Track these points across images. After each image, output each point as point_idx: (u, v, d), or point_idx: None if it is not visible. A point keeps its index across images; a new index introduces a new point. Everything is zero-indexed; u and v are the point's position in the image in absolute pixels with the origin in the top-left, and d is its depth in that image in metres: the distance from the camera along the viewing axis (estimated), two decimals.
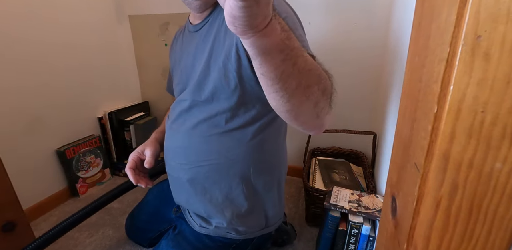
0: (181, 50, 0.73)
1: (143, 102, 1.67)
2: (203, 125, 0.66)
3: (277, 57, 0.34)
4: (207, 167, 0.67)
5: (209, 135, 0.66)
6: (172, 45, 0.81)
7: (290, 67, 0.35)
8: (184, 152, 0.70)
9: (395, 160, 0.35)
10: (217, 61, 0.60)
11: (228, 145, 0.66)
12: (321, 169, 1.25)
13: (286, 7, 0.56)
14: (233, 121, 0.64)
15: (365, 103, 1.32)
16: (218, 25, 0.62)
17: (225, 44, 0.59)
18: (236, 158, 0.66)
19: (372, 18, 1.19)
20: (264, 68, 0.35)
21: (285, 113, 0.43)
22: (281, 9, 0.54)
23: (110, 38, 1.47)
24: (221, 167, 0.67)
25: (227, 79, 0.60)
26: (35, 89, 1.15)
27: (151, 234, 0.93)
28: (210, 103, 0.64)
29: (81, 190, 1.35)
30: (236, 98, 0.62)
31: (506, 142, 0.20)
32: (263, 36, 0.31)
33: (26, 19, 1.08)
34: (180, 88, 0.72)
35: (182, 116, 0.70)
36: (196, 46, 0.67)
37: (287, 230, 1.01)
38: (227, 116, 0.64)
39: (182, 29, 0.77)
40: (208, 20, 0.64)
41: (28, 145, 1.15)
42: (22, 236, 0.83)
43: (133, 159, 0.77)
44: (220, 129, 0.65)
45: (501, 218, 0.21)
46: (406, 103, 0.32)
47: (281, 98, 0.39)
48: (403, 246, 0.28)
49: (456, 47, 0.20)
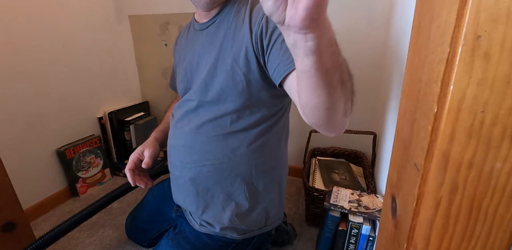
0: (186, 48, 0.73)
1: (143, 102, 1.67)
2: (208, 125, 0.66)
3: (331, 49, 0.35)
4: (210, 166, 0.68)
5: (213, 135, 0.66)
6: (177, 42, 0.81)
7: (337, 60, 0.36)
8: (188, 151, 0.70)
9: (395, 160, 0.35)
10: (225, 64, 0.61)
11: (231, 146, 0.66)
12: (321, 169, 1.25)
13: None
14: (238, 123, 0.65)
15: (365, 103, 1.32)
16: (227, 27, 0.62)
17: (233, 47, 0.60)
18: (238, 159, 0.67)
19: (372, 18, 1.19)
20: (320, 62, 0.35)
21: (324, 112, 0.43)
22: None
23: (110, 38, 1.47)
24: (224, 167, 0.67)
25: (235, 82, 0.61)
26: (35, 90, 1.15)
27: (151, 234, 0.93)
28: (217, 105, 0.65)
29: (81, 190, 1.35)
30: (242, 100, 0.62)
31: (506, 142, 0.20)
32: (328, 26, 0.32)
33: (27, 21, 1.08)
34: (183, 87, 0.73)
35: (188, 116, 0.70)
36: (202, 45, 0.67)
37: (287, 230, 1.01)
38: (232, 117, 0.64)
39: (188, 26, 0.77)
40: (215, 20, 0.65)
41: (28, 145, 1.15)
42: (22, 236, 0.83)
43: (132, 160, 0.78)
44: (224, 130, 0.65)
45: (501, 218, 0.21)
46: (406, 103, 0.32)
47: (327, 94, 0.39)
48: (403, 246, 0.28)
49: (456, 47, 0.20)
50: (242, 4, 0.62)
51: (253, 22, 0.58)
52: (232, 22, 0.62)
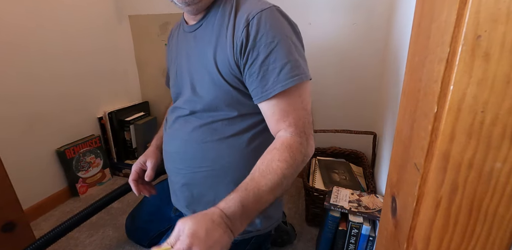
0: (176, 50, 0.73)
1: (143, 102, 1.67)
2: (199, 131, 0.66)
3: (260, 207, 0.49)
4: (204, 173, 0.68)
5: (205, 141, 0.66)
6: (169, 42, 0.81)
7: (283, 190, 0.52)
8: (181, 157, 0.70)
9: (395, 160, 0.35)
10: (212, 74, 0.60)
11: (223, 152, 0.66)
12: (321, 169, 1.25)
13: (279, 29, 0.55)
14: (229, 128, 0.64)
15: (365, 103, 1.32)
16: (211, 33, 0.61)
17: (218, 57, 0.59)
18: (231, 165, 0.66)
19: (372, 18, 1.19)
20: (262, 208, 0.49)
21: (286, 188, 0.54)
22: (273, 33, 0.54)
23: (110, 38, 1.47)
24: (217, 173, 0.67)
25: (222, 92, 0.60)
26: (35, 90, 1.15)
27: (152, 234, 0.93)
28: (208, 112, 0.65)
29: (81, 190, 1.35)
30: (233, 109, 0.62)
31: (506, 142, 0.20)
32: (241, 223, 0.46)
33: (27, 20, 1.08)
34: (175, 91, 0.73)
35: (179, 122, 0.70)
36: (191, 49, 0.66)
37: (287, 230, 1.00)
38: (223, 123, 0.64)
39: (178, 26, 0.76)
40: (201, 24, 0.63)
41: (28, 145, 1.15)
42: (22, 236, 0.83)
43: (135, 170, 0.79)
44: (215, 135, 0.65)
45: (501, 218, 0.21)
46: (406, 103, 0.32)
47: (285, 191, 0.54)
48: (403, 246, 0.28)
49: (456, 47, 0.20)
50: (226, 7, 0.60)
51: (235, 33, 0.56)
52: (216, 28, 0.60)
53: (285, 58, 0.53)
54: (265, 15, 0.54)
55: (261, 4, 0.56)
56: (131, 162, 1.55)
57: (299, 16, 1.31)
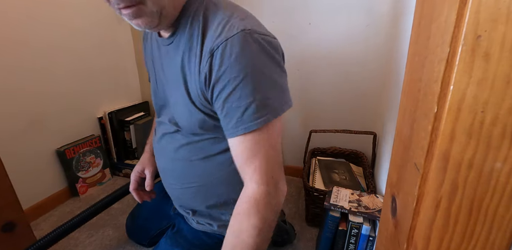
0: (152, 57, 0.68)
1: (143, 102, 1.67)
2: (186, 149, 0.66)
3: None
4: (194, 188, 0.69)
5: (191, 159, 0.66)
6: (144, 43, 0.76)
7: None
8: (171, 174, 0.72)
9: (395, 160, 0.35)
10: (185, 100, 0.57)
11: (211, 169, 0.66)
12: (321, 169, 1.25)
13: (247, 60, 0.47)
14: (216, 146, 0.64)
15: (365, 104, 1.32)
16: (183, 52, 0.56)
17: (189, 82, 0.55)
18: (219, 181, 0.67)
19: (373, 18, 1.18)
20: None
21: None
22: (239, 66, 0.47)
23: (110, 38, 1.47)
24: (206, 188, 0.68)
25: (199, 120, 0.58)
26: (35, 90, 1.15)
27: (152, 232, 0.94)
28: (191, 132, 0.64)
29: (81, 190, 1.35)
30: (214, 132, 0.61)
31: (506, 142, 0.20)
32: None
33: (27, 19, 1.08)
34: (158, 103, 0.71)
35: (165, 139, 0.70)
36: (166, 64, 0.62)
37: (287, 230, 1.01)
38: (209, 142, 0.64)
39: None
40: (173, 41, 0.58)
41: (28, 145, 1.15)
42: (22, 236, 0.83)
43: (135, 179, 0.81)
44: (202, 154, 0.65)
45: (501, 218, 0.21)
46: (406, 103, 0.32)
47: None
48: (403, 246, 0.28)
49: (456, 47, 0.20)
50: (194, 27, 0.53)
51: (201, 63, 0.51)
52: (186, 52, 0.55)
53: (251, 96, 0.48)
54: (231, 44, 0.47)
55: (230, 27, 0.49)
56: (131, 162, 1.55)
57: (299, 16, 1.32)
